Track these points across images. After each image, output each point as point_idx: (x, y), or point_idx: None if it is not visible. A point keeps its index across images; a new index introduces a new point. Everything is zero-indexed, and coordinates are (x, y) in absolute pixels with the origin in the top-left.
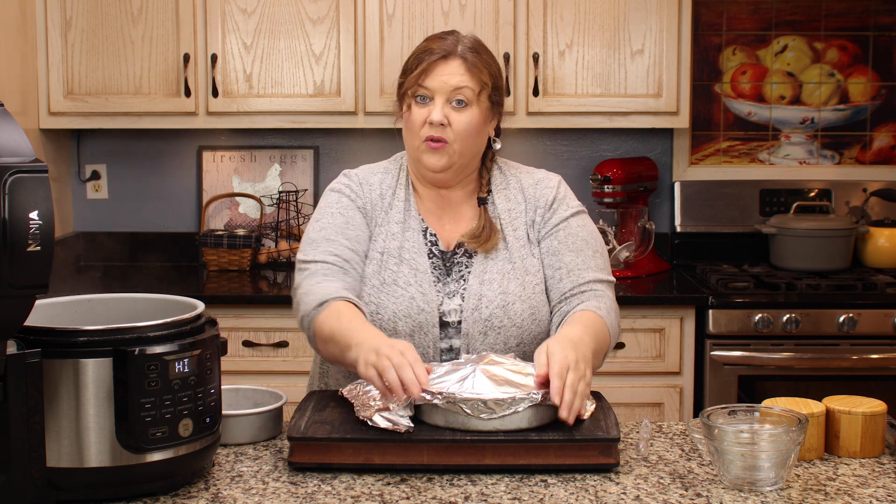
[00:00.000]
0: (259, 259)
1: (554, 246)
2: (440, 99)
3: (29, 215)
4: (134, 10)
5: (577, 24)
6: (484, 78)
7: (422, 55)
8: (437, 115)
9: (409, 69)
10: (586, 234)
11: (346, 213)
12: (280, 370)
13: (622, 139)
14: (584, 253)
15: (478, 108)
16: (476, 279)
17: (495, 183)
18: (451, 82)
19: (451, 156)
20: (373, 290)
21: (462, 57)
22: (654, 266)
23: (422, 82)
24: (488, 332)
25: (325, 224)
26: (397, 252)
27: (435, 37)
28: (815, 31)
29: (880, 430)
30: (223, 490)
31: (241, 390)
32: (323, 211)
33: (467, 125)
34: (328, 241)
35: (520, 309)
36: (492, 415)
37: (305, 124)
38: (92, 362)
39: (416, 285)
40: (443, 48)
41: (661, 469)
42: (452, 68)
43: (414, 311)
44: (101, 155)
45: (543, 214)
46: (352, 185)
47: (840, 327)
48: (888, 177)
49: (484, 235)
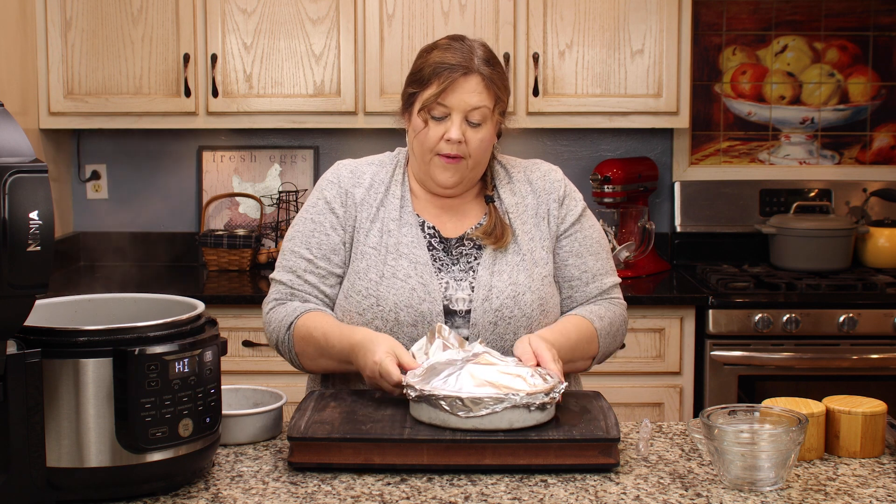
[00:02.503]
0: (259, 259)
1: (576, 248)
2: (458, 117)
3: (29, 215)
4: (134, 10)
5: (577, 24)
6: (499, 93)
7: (439, 68)
8: (455, 134)
9: (424, 81)
10: (598, 234)
11: (316, 219)
12: (280, 370)
13: (622, 139)
14: (602, 256)
15: (490, 123)
16: (486, 270)
17: (498, 177)
18: (471, 102)
19: (463, 172)
20: (371, 285)
21: (479, 73)
22: (654, 266)
23: (441, 100)
24: (498, 322)
25: (295, 232)
26: (395, 247)
27: (447, 46)
28: (815, 31)
29: (880, 430)
30: (223, 490)
31: (241, 390)
32: (300, 215)
33: (481, 142)
34: (292, 253)
35: (529, 300)
36: (469, 413)
37: (305, 124)
38: (92, 362)
39: (416, 277)
40: (461, 62)
41: (661, 469)
42: (472, 86)
43: (415, 301)
44: (101, 155)
45: (558, 209)
46: (336, 179)
47: (840, 327)
48: (888, 177)
49: (496, 233)
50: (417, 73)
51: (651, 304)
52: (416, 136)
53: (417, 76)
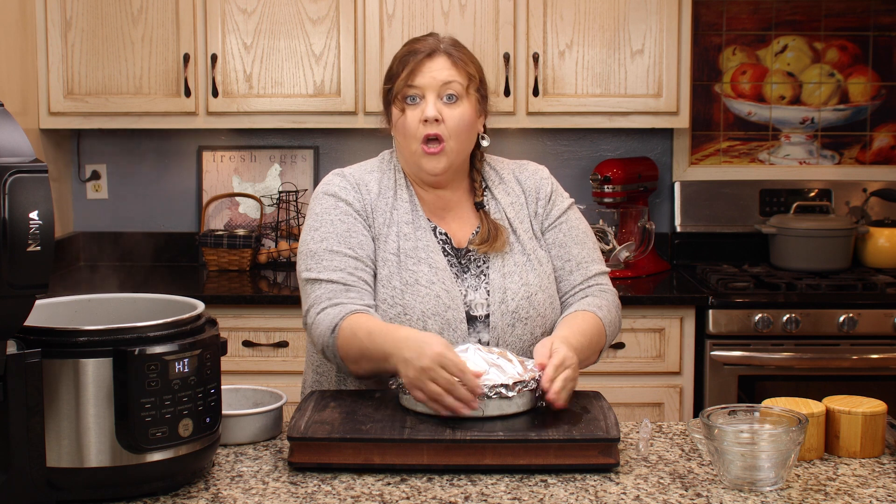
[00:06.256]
0: (259, 259)
1: (560, 238)
2: (431, 95)
3: (29, 215)
4: (134, 10)
5: (577, 24)
6: (470, 70)
7: (406, 57)
8: (430, 111)
9: (395, 73)
10: (584, 226)
11: (346, 220)
12: (280, 370)
13: (622, 139)
14: (587, 245)
15: (468, 101)
16: (497, 273)
17: (490, 179)
18: (441, 77)
19: (448, 155)
20: (396, 293)
21: (446, 52)
22: (654, 266)
23: (411, 82)
24: (516, 323)
25: (325, 234)
26: (413, 252)
27: (413, 40)
28: (815, 31)
29: (880, 430)
30: (223, 490)
31: (241, 390)
32: (321, 218)
33: (460, 120)
34: (331, 253)
35: (542, 299)
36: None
37: (305, 124)
38: (92, 362)
39: (438, 283)
40: (426, 47)
41: (661, 469)
42: (439, 64)
43: (441, 309)
44: (101, 155)
45: (545, 206)
46: (347, 187)
47: (840, 327)
48: (888, 177)
49: (491, 238)
50: (389, 70)
51: (651, 304)
52: (397, 129)
53: (388, 73)
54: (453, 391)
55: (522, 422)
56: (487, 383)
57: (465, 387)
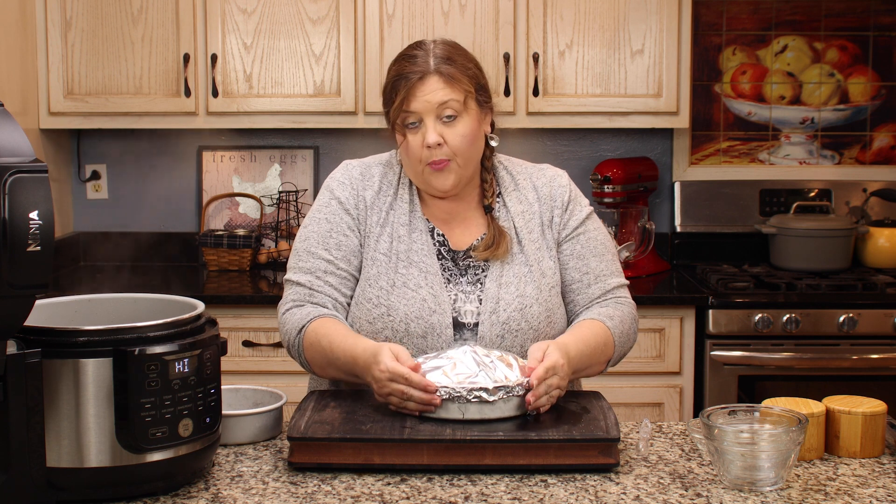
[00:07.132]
0: (259, 259)
1: (578, 250)
2: (429, 119)
3: (29, 215)
4: (134, 10)
5: (577, 24)
6: (465, 86)
7: (397, 82)
8: (431, 137)
9: (389, 99)
10: (603, 237)
11: (332, 219)
12: (280, 370)
13: (622, 139)
14: (606, 258)
15: (468, 115)
16: (493, 282)
17: (504, 184)
18: (435, 99)
19: (456, 171)
20: (382, 293)
21: (437, 72)
22: (654, 266)
23: (406, 108)
24: (505, 335)
25: (310, 232)
26: (406, 255)
27: (404, 58)
28: (815, 31)
29: (880, 430)
30: (223, 490)
31: (241, 390)
32: (312, 214)
33: (463, 137)
34: (308, 254)
35: (536, 312)
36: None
37: (305, 124)
38: (92, 362)
39: (426, 287)
40: (416, 69)
41: (661, 469)
42: (432, 86)
43: (426, 313)
44: (101, 155)
45: (562, 215)
46: (346, 182)
47: (840, 327)
48: (888, 177)
49: (494, 244)
50: (384, 92)
51: (651, 304)
52: (402, 150)
53: (385, 95)
54: (411, 397)
55: (522, 422)
56: (468, 386)
57: (418, 389)
